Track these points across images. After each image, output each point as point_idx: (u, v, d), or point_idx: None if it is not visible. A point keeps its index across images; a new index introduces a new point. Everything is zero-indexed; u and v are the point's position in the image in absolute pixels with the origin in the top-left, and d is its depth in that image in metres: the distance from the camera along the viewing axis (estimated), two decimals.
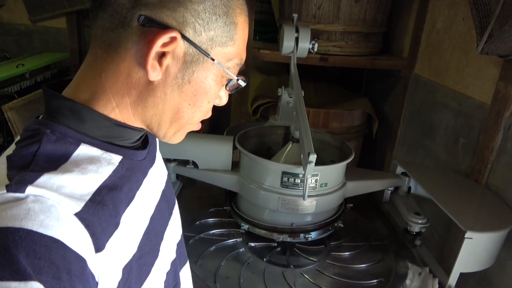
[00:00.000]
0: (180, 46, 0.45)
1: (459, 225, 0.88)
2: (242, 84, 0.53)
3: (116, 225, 0.45)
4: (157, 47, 0.43)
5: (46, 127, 0.44)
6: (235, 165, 1.10)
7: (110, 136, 0.48)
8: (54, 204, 0.38)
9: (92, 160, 0.45)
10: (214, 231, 1.08)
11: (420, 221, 1.07)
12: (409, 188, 1.20)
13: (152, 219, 0.54)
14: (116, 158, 0.48)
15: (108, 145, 0.48)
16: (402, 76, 1.81)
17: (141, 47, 0.44)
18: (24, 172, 0.40)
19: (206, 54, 0.46)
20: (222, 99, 0.55)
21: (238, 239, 1.06)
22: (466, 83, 1.34)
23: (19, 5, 2.44)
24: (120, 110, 0.47)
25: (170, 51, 0.45)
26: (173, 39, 0.44)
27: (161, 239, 0.57)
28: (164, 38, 0.43)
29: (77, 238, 0.39)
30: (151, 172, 0.57)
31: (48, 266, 0.35)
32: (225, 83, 0.53)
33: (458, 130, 1.38)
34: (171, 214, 0.64)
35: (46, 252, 0.35)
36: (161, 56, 0.45)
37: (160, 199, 0.59)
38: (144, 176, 0.54)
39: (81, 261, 0.38)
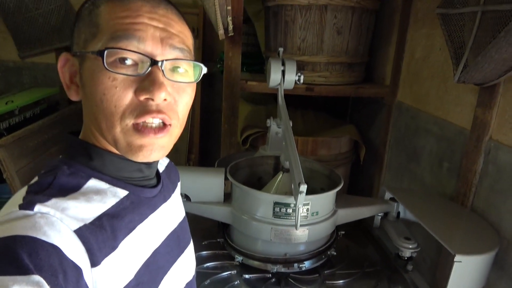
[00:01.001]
0: (74, 62, 0.53)
1: (448, 249, 0.90)
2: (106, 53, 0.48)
3: (113, 247, 0.50)
4: (61, 71, 0.54)
5: (63, 163, 0.53)
6: (227, 197, 1.12)
7: (115, 170, 0.55)
8: (57, 220, 0.45)
9: (98, 192, 0.52)
10: (208, 264, 1.08)
11: (410, 246, 1.09)
12: (398, 213, 1.22)
13: (156, 253, 0.58)
14: (122, 192, 0.54)
15: (116, 181, 0.54)
16: (385, 103, 1.87)
17: None
18: (37, 196, 0.47)
19: (82, 53, 0.51)
20: (147, 87, 0.48)
21: (232, 272, 1.06)
22: (446, 109, 1.40)
23: (8, 42, 2.46)
24: (94, 136, 0.54)
25: (74, 70, 0.53)
26: (67, 59, 0.54)
27: (165, 273, 0.60)
28: (60, 61, 0.53)
29: (74, 250, 0.44)
30: (162, 209, 0.62)
31: (47, 266, 0.40)
32: (117, 70, 0.48)
33: (441, 154, 1.42)
34: (181, 252, 0.66)
35: (46, 255, 0.41)
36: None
37: (169, 236, 0.63)
38: (151, 211, 0.59)
39: (77, 269, 0.44)
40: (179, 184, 0.75)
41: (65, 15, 2.40)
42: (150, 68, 0.49)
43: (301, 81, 1.25)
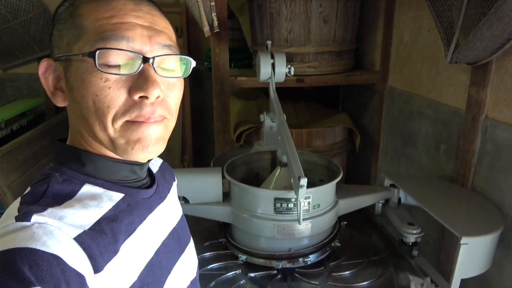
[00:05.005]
0: (57, 67, 0.52)
1: (453, 232, 0.89)
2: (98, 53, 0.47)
3: (115, 251, 0.50)
4: (43, 78, 0.52)
5: (55, 171, 0.52)
6: (226, 196, 1.09)
7: (109, 174, 0.54)
8: (56, 229, 0.44)
9: (94, 197, 0.51)
10: (212, 265, 1.06)
11: (414, 232, 1.08)
12: (399, 199, 1.21)
13: (158, 253, 0.58)
14: (117, 196, 0.54)
15: (111, 184, 0.54)
16: (376, 89, 1.86)
17: None
18: (32, 206, 0.46)
19: (67, 56, 0.50)
20: (141, 85, 0.48)
21: (237, 271, 1.04)
22: (439, 91, 1.39)
23: None
24: (85, 141, 0.53)
25: (57, 75, 0.52)
26: (49, 65, 0.52)
27: (168, 273, 0.60)
28: (41, 68, 0.52)
29: (75, 257, 0.44)
30: (159, 209, 0.61)
31: (49, 277, 0.40)
32: (109, 70, 0.48)
33: (437, 136, 1.42)
34: (182, 251, 0.66)
35: (47, 266, 0.41)
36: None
37: (169, 235, 0.63)
38: (149, 212, 0.58)
39: (80, 277, 0.43)
40: (174, 183, 0.75)
41: (44, 23, 2.34)
42: (142, 66, 0.49)
43: (292, 73, 1.23)
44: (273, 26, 1.73)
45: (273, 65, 1.20)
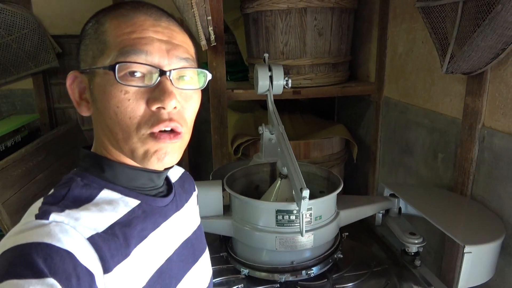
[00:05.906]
0: (83, 79, 0.55)
1: (456, 241, 0.89)
2: (117, 67, 0.50)
3: (126, 255, 0.52)
4: (70, 89, 0.56)
5: (77, 176, 0.55)
6: (226, 209, 1.09)
7: (127, 180, 0.57)
8: (71, 228, 0.47)
9: (110, 202, 0.54)
10: (214, 280, 1.04)
11: (416, 241, 1.08)
12: (400, 208, 1.21)
13: (169, 260, 0.60)
14: (133, 202, 0.57)
15: (128, 191, 0.57)
16: (372, 100, 1.87)
17: None
18: (52, 206, 0.49)
19: (91, 69, 0.53)
20: (158, 97, 0.51)
21: (239, 286, 1.02)
22: (435, 101, 1.41)
23: None
24: (105, 149, 0.56)
25: (83, 87, 0.55)
26: (75, 77, 0.55)
27: (178, 281, 0.62)
28: (69, 79, 0.55)
29: (87, 256, 0.47)
30: (174, 217, 0.63)
31: (61, 270, 0.43)
32: (128, 83, 0.51)
33: (435, 146, 1.43)
34: (196, 261, 0.68)
35: (60, 260, 0.43)
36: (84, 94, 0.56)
37: (183, 244, 0.65)
38: (163, 220, 0.61)
39: (90, 275, 0.46)
40: (194, 193, 0.76)
41: (39, 39, 2.35)
42: (159, 79, 0.52)
43: (289, 85, 1.23)
44: (269, 39, 1.75)
45: (271, 78, 1.21)
